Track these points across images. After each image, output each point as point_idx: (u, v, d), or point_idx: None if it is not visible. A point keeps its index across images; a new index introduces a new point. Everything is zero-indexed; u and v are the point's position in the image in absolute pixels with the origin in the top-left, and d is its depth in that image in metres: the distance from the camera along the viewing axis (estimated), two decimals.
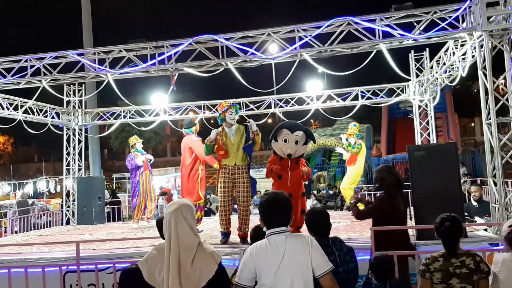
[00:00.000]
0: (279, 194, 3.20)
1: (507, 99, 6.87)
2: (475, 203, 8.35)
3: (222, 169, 7.08)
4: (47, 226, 13.07)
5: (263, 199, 3.22)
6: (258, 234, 4.12)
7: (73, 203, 13.05)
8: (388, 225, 4.92)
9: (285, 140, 6.75)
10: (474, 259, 3.54)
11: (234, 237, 7.33)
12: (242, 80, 8.36)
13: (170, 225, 2.90)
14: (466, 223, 6.80)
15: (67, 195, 13.67)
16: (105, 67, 8.55)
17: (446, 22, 7.18)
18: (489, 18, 6.79)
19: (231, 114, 7.04)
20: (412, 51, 11.41)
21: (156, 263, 2.92)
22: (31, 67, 8.72)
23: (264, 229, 3.19)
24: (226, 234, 7.30)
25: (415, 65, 11.44)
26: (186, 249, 2.87)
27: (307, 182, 14.83)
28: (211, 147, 7.11)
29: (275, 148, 6.94)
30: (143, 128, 14.70)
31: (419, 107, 11.72)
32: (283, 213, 3.13)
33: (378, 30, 7.39)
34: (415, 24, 7.42)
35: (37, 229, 12.53)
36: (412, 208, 6.45)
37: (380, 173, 5.30)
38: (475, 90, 33.76)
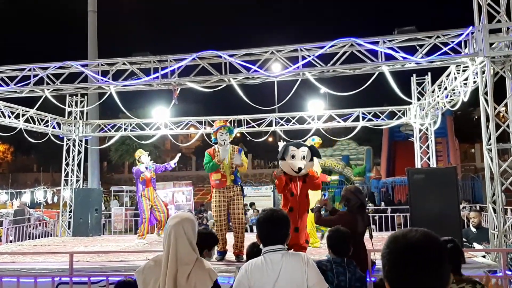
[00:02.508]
0: (276, 211, 3.19)
1: (508, 126, 6.87)
2: (473, 229, 8.28)
3: (215, 188, 7.09)
4: (42, 237, 12.99)
5: (260, 215, 3.20)
6: (254, 251, 4.10)
7: (69, 214, 12.97)
8: None
9: (293, 156, 6.75)
10: (474, 286, 3.46)
11: (230, 254, 7.27)
12: (244, 97, 8.37)
13: (170, 239, 2.88)
14: (464, 248, 6.73)
15: (64, 206, 13.60)
16: (108, 79, 8.57)
17: (449, 47, 7.22)
18: (491, 44, 6.84)
19: (221, 135, 7.03)
20: (414, 75, 11.47)
21: (152, 274, 2.90)
22: (35, 76, 8.74)
23: (261, 246, 3.16)
24: (222, 253, 7.24)
25: (417, 88, 11.48)
26: (183, 264, 2.85)
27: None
28: (216, 166, 7.09)
29: (283, 167, 6.86)
30: (143, 142, 14.68)
31: (420, 130, 11.73)
32: (280, 230, 3.10)
33: (381, 52, 7.42)
34: (417, 47, 7.47)
35: (33, 239, 12.43)
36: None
37: (347, 194, 5.45)
38: (476, 116, 33.86)
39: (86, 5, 19.57)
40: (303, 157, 6.75)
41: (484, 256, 7.09)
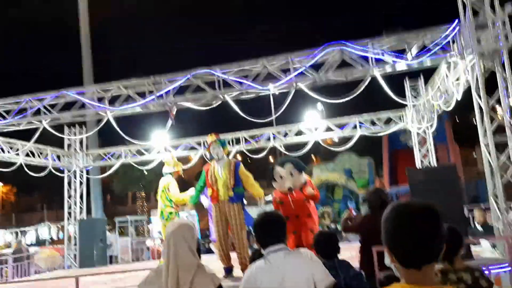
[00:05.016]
0: (270, 213, 3.19)
1: (502, 119, 6.89)
2: (479, 227, 8.27)
3: (214, 204, 7.02)
4: (49, 271, 12.93)
5: (255, 220, 3.19)
6: (256, 256, 4.07)
7: (74, 247, 12.92)
8: (371, 242, 4.89)
9: (281, 177, 6.90)
10: (473, 275, 3.40)
11: (237, 271, 7.19)
12: (238, 110, 8.38)
13: (169, 245, 2.85)
14: (470, 238, 6.70)
15: (69, 239, 13.56)
16: (105, 104, 8.64)
17: (438, 47, 7.27)
18: (479, 41, 6.91)
19: (214, 149, 7.03)
20: (407, 79, 11.49)
21: (154, 285, 2.88)
22: (31, 108, 8.81)
23: (262, 251, 3.15)
24: (228, 269, 7.15)
25: (411, 93, 11.50)
26: (185, 270, 2.82)
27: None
28: (196, 196, 7.34)
29: (276, 187, 7.11)
30: (145, 171, 14.67)
31: (418, 134, 11.74)
32: (277, 231, 3.09)
33: (371, 57, 7.50)
34: (407, 50, 7.53)
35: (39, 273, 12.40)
36: None
37: (367, 195, 5.48)
38: (475, 121, 33.79)
39: (78, 24, 19.88)
40: (291, 174, 6.89)
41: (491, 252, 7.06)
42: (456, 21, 7.08)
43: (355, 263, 4.22)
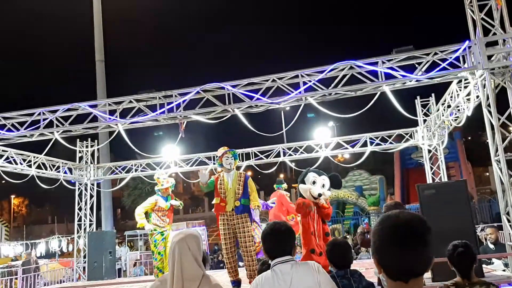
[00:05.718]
0: (279, 224, 3.18)
1: None
2: (491, 246, 8.15)
3: (220, 215, 6.95)
4: (58, 283, 12.95)
5: (264, 230, 3.19)
6: (264, 268, 4.06)
7: (84, 260, 12.95)
8: None
9: (314, 182, 6.85)
10: None
11: (245, 285, 7.15)
12: (248, 125, 8.43)
13: (174, 255, 2.85)
14: (481, 254, 6.61)
15: (78, 251, 13.61)
16: (116, 117, 8.72)
17: (447, 62, 7.28)
18: (489, 57, 6.90)
19: (227, 159, 7.05)
20: (418, 97, 11.51)
21: None
22: (44, 120, 8.92)
23: (270, 261, 3.15)
24: (236, 283, 7.09)
25: (422, 110, 11.50)
26: (190, 280, 2.81)
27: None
28: (210, 185, 7.11)
29: (303, 191, 6.95)
30: (156, 185, 14.74)
31: (429, 151, 11.69)
32: (286, 242, 3.08)
33: (381, 72, 7.51)
34: (416, 66, 7.55)
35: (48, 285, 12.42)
36: None
37: (386, 209, 5.47)
38: (487, 140, 33.51)
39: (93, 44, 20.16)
40: (323, 185, 6.87)
41: (504, 270, 6.95)
42: (467, 41, 7.09)
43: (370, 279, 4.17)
